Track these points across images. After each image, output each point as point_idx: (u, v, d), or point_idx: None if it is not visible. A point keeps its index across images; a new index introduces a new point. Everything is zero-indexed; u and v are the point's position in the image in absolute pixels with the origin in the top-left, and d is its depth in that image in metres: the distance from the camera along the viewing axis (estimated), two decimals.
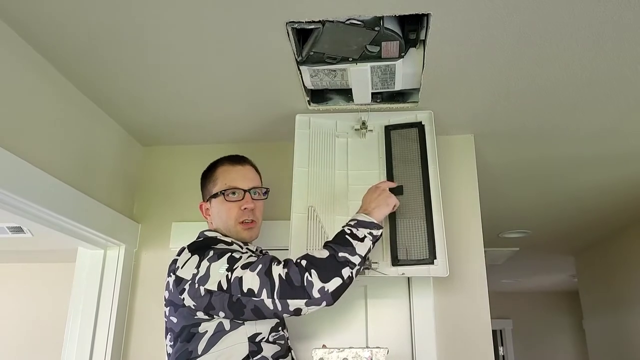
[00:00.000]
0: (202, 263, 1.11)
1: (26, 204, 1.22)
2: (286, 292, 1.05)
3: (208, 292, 1.08)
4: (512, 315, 6.04)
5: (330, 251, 1.12)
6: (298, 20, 1.13)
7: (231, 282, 1.07)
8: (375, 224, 1.20)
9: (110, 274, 1.65)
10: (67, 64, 1.33)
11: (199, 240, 1.23)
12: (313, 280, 1.06)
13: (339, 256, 1.11)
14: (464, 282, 1.61)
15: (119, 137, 1.71)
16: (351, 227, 1.19)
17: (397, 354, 1.55)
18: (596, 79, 1.38)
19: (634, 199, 2.53)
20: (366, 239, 1.17)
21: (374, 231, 1.19)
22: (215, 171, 1.34)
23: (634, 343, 3.20)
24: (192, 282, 1.10)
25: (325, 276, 1.07)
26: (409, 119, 1.54)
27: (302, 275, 1.06)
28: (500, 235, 3.25)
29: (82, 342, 1.57)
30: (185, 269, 1.13)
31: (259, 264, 1.09)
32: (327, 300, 1.07)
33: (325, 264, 1.09)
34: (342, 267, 1.10)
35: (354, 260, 1.12)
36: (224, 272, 1.08)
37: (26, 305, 3.04)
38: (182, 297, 1.11)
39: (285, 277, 1.06)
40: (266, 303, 1.05)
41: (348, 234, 1.16)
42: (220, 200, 1.30)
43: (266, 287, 1.05)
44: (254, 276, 1.06)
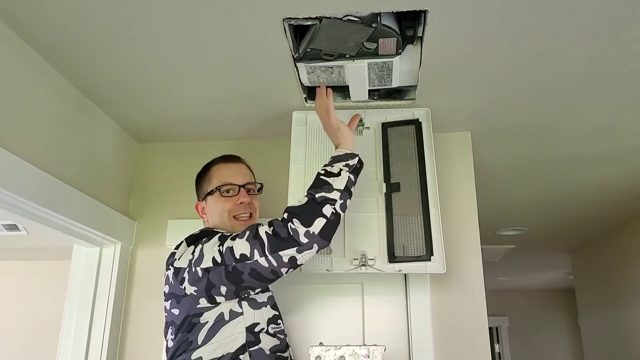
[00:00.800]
0: (196, 249, 1.15)
1: (22, 201, 1.21)
2: (276, 245, 1.07)
3: (205, 271, 1.10)
4: (508, 313, 6.06)
5: (309, 196, 1.14)
6: (295, 17, 1.12)
7: (223, 253, 1.10)
8: (349, 154, 1.23)
9: (106, 272, 1.64)
10: (63, 61, 1.32)
11: (196, 233, 1.25)
12: (296, 227, 1.08)
13: (317, 197, 1.13)
14: (461, 279, 1.61)
15: (114, 134, 1.70)
16: (325, 166, 1.21)
17: (394, 351, 1.55)
18: (593, 76, 1.38)
19: (630, 197, 2.54)
20: (342, 171, 1.19)
21: (349, 162, 1.21)
22: (209, 170, 1.37)
23: (629, 340, 3.21)
24: (189, 269, 1.12)
25: (307, 220, 1.09)
26: (406, 116, 1.54)
27: (286, 226, 1.09)
28: (497, 232, 3.26)
29: (78, 340, 1.57)
30: (182, 259, 1.16)
31: (246, 232, 1.13)
32: (317, 241, 1.09)
33: (305, 209, 1.11)
34: (322, 207, 1.11)
35: (333, 197, 1.14)
36: (215, 249, 1.12)
37: (22, 303, 3.03)
38: (182, 286, 1.13)
39: (272, 233, 1.09)
40: (260, 262, 1.07)
41: (322, 175, 1.19)
42: (216, 197, 1.32)
43: (256, 247, 1.08)
44: (243, 242, 1.10)
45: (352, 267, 1.38)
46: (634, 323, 3.13)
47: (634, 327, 3.12)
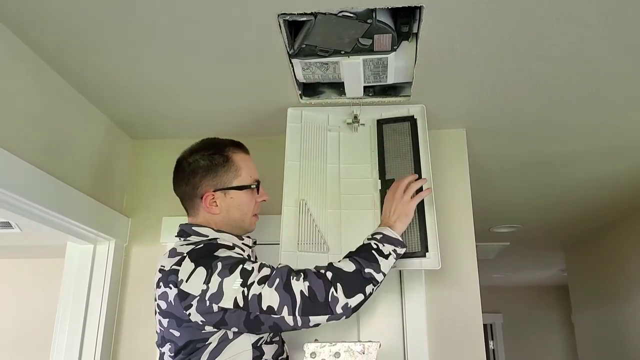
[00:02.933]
0: (213, 278, 1.02)
1: (15, 198, 1.20)
2: (309, 308, 1.01)
3: (222, 310, 1.01)
4: (502, 310, 6.09)
5: (357, 265, 1.07)
6: (290, 12, 1.12)
7: (249, 299, 1.00)
8: (400, 242, 1.18)
9: (100, 269, 1.63)
10: (55, 57, 1.31)
11: (198, 248, 1.09)
12: (338, 296, 1.02)
13: (365, 272, 1.07)
14: (456, 276, 1.61)
15: (108, 130, 1.69)
16: (377, 241, 1.15)
17: (389, 348, 1.55)
18: (588, 73, 1.39)
19: (625, 194, 2.56)
20: (390, 256, 1.13)
21: (398, 249, 1.16)
22: (231, 158, 1.22)
23: (621, 336, 3.24)
24: (201, 299, 1.01)
25: (350, 292, 1.03)
26: (401, 113, 1.54)
27: (326, 289, 1.01)
28: (491, 229, 3.27)
29: (71, 338, 1.56)
30: (191, 283, 1.02)
31: (276, 278, 1.03)
32: (347, 315, 1.04)
33: (352, 278, 1.05)
34: (367, 284, 1.06)
35: (378, 278, 1.09)
36: (238, 288, 1.01)
37: (15, 301, 3.01)
38: (187, 312, 1.02)
39: (307, 292, 1.01)
40: (287, 320, 1.01)
41: (375, 249, 1.12)
42: (247, 192, 1.22)
43: (287, 303, 1.00)
44: (272, 292, 1.01)
45: None
46: (627, 320, 3.15)
47: (627, 324, 3.15)
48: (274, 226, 1.46)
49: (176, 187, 1.24)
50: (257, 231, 1.66)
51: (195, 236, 1.17)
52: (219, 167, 1.20)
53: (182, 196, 1.24)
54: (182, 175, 1.22)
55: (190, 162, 1.21)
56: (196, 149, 1.24)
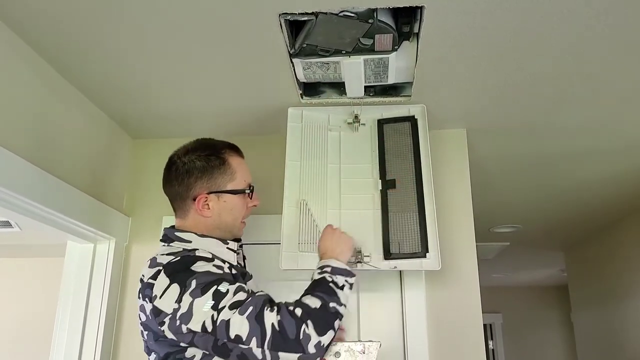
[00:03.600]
0: (184, 297, 0.98)
1: (15, 197, 1.20)
2: (279, 343, 0.94)
3: (191, 332, 0.97)
4: (502, 310, 6.10)
5: (322, 301, 1.02)
6: (291, 12, 1.11)
7: (217, 324, 0.95)
8: (348, 271, 1.12)
9: (100, 268, 1.63)
10: (56, 56, 1.30)
11: (175, 261, 1.04)
12: (310, 333, 0.96)
13: (330, 307, 1.02)
14: (456, 276, 1.61)
15: (108, 129, 1.69)
16: (329, 274, 1.09)
17: (389, 347, 1.55)
18: (588, 73, 1.39)
19: (624, 194, 2.56)
20: (345, 287, 1.09)
21: (348, 279, 1.11)
22: (227, 161, 1.18)
23: (620, 336, 3.24)
24: (173, 317, 0.98)
25: (322, 329, 0.98)
26: (402, 113, 1.54)
27: (298, 326, 0.96)
28: (491, 229, 3.27)
29: (71, 337, 1.56)
30: (164, 300, 1.00)
31: (249, 306, 0.97)
32: (320, 356, 0.97)
33: (320, 314, 1.00)
34: (334, 319, 1.02)
35: (342, 311, 1.04)
36: (208, 311, 0.96)
37: (15, 300, 3.01)
38: (162, 328, 1.00)
39: (278, 327, 0.95)
40: (254, 352, 0.94)
41: (331, 282, 1.07)
42: (240, 197, 1.19)
43: (256, 335, 0.94)
44: (243, 320, 0.95)
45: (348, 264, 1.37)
46: (626, 320, 3.15)
47: (627, 324, 3.15)
48: (275, 226, 1.46)
49: (167, 186, 1.20)
50: (258, 232, 1.67)
51: (178, 242, 1.13)
52: (215, 169, 1.16)
53: (172, 196, 1.20)
54: (176, 174, 1.17)
55: (186, 161, 1.17)
56: (191, 149, 1.19)
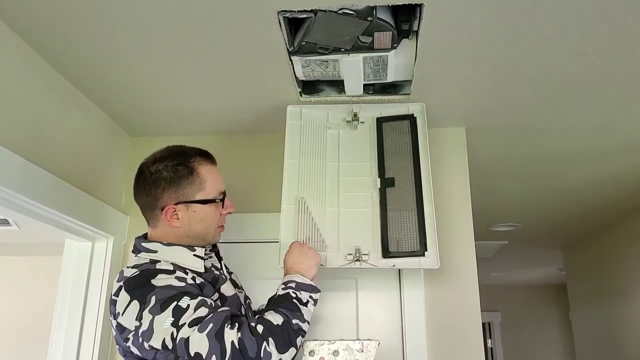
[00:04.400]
0: (144, 314, 0.97)
1: (12, 195, 1.19)
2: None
3: (153, 349, 0.97)
4: (500, 308, 6.10)
5: (284, 317, 1.02)
6: (290, 10, 1.11)
7: (176, 342, 0.94)
8: (313, 287, 1.14)
9: (98, 267, 1.63)
10: (54, 54, 1.30)
11: (134, 276, 1.03)
12: (271, 350, 0.95)
13: (293, 323, 1.02)
14: (455, 275, 1.61)
15: (107, 127, 1.68)
16: (294, 289, 1.10)
17: (387, 346, 1.55)
18: (587, 73, 1.38)
19: (622, 194, 2.56)
20: (309, 303, 1.10)
21: (313, 295, 1.12)
22: (196, 170, 1.15)
23: (618, 334, 3.25)
24: (135, 334, 0.99)
25: (283, 346, 0.97)
26: (401, 111, 1.54)
27: (258, 344, 0.95)
28: (490, 228, 3.27)
29: (69, 335, 1.55)
30: (125, 316, 0.99)
31: (209, 323, 0.95)
32: None
33: (282, 331, 0.99)
34: (296, 336, 1.01)
35: (304, 328, 1.04)
36: (168, 328, 0.95)
37: (13, 298, 3.00)
38: (127, 345, 1.01)
39: (238, 345, 0.94)
40: None
41: (294, 298, 1.08)
42: (211, 206, 1.17)
43: (215, 353, 0.93)
44: (203, 338, 0.94)
45: (346, 262, 1.37)
46: (624, 318, 3.16)
47: (624, 322, 3.15)
48: (273, 224, 1.45)
49: (136, 196, 1.19)
50: (256, 230, 1.67)
51: (144, 252, 1.12)
52: (183, 180, 1.13)
53: (142, 206, 1.18)
54: (144, 184, 1.16)
55: (153, 171, 1.15)
56: (160, 158, 1.17)
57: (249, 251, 1.65)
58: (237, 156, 1.78)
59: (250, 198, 1.69)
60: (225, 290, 1.15)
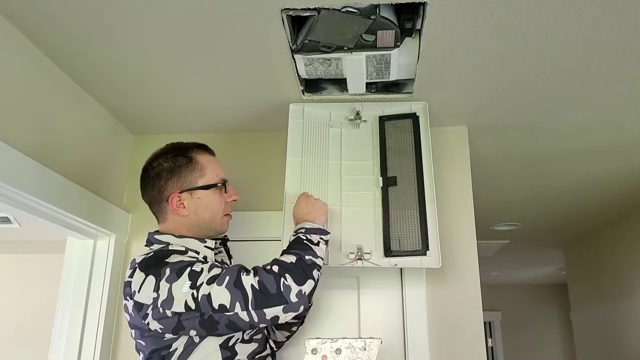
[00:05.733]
0: (161, 284, 1.01)
1: (15, 192, 1.19)
2: (261, 301, 1.00)
3: (176, 314, 1.00)
4: (501, 308, 6.11)
5: (296, 255, 1.09)
6: (293, 7, 1.11)
7: (199, 300, 0.99)
8: (323, 230, 1.21)
9: (100, 265, 1.63)
10: (57, 51, 1.30)
11: (148, 257, 1.08)
12: (290, 284, 1.02)
13: (306, 259, 1.09)
14: (456, 274, 1.61)
15: (109, 125, 1.68)
16: (303, 233, 1.18)
17: (389, 344, 1.55)
18: (589, 71, 1.38)
19: (624, 193, 2.56)
20: (320, 243, 1.17)
21: (323, 236, 1.20)
22: (195, 159, 1.21)
23: (619, 334, 3.24)
24: (154, 306, 1.01)
25: (301, 279, 1.04)
26: (404, 110, 1.53)
27: (277, 281, 1.01)
28: (491, 227, 3.27)
29: (71, 334, 1.56)
30: (142, 293, 1.02)
31: (225, 276, 1.02)
32: (304, 303, 1.04)
33: (296, 267, 1.06)
34: (312, 269, 1.08)
35: (318, 262, 1.12)
36: (188, 291, 1.00)
37: (14, 296, 3.00)
38: (146, 321, 1.03)
39: (258, 286, 1.00)
40: (241, 316, 0.99)
41: (305, 240, 1.15)
42: (215, 193, 1.21)
43: (239, 299, 0.99)
44: (223, 290, 0.99)
45: (348, 260, 1.37)
46: (625, 318, 3.16)
47: (625, 322, 3.15)
48: (276, 222, 1.45)
49: (143, 193, 1.24)
50: (258, 228, 1.67)
51: (157, 244, 1.16)
52: (183, 168, 1.19)
53: (150, 202, 1.23)
54: (148, 180, 1.21)
55: (155, 166, 1.21)
56: (159, 154, 1.24)
57: (252, 249, 1.65)
58: (239, 154, 1.78)
59: (253, 196, 1.69)
60: None
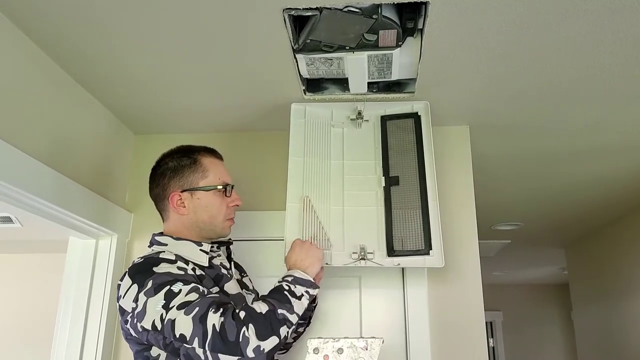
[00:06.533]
0: (140, 296, 1.03)
1: (18, 192, 1.19)
2: (218, 345, 0.96)
3: (144, 330, 1.01)
4: (502, 308, 6.10)
5: (270, 306, 1.04)
6: (295, 7, 1.11)
7: (164, 323, 0.99)
8: (311, 283, 1.16)
9: (102, 264, 1.63)
10: (59, 52, 1.30)
11: (139, 263, 1.10)
12: (249, 336, 0.97)
13: (278, 313, 1.04)
14: (458, 273, 1.61)
15: (111, 125, 1.68)
16: (289, 283, 1.13)
17: (391, 344, 1.55)
18: (592, 71, 1.38)
19: (625, 192, 2.55)
20: (303, 297, 1.12)
21: (310, 290, 1.15)
22: (199, 160, 1.24)
23: (621, 334, 3.24)
24: (132, 315, 1.04)
25: (263, 333, 0.99)
26: (405, 110, 1.53)
27: (238, 329, 0.97)
28: (493, 227, 3.27)
29: (73, 333, 1.56)
30: (125, 299, 1.05)
31: (195, 307, 0.99)
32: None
33: (264, 319, 1.01)
34: (280, 325, 1.03)
35: (292, 319, 1.06)
36: (159, 310, 1.00)
37: (17, 296, 3.01)
38: (127, 326, 1.06)
39: (219, 329, 0.96)
40: (197, 352, 0.97)
41: (287, 290, 1.10)
42: (216, 195, 1.22)
43: (198, 335, 0.96)
44: (188, 320, 0.98)
45: (351, 260, 1.37)
46: (626, 318, 3.15)
47: (627, 322, 3.15)
48: (278, 222, 1.46)
49: (150, 191, 1.28)
50: (261, 228, 1.67)
51: (156, 245, 1.19)
52: (186, 168, 1.23)
53: (154, 199, 1.27)
54: (154, 178, 1.26)
55: (161, 165, 1.26)
56: (167, 154, 1.28)
57: (254, 249, 1.66)
58: (241, 154, 1.78)
59: (255, 196, 1.69)
60: (229, 288, 1.18)
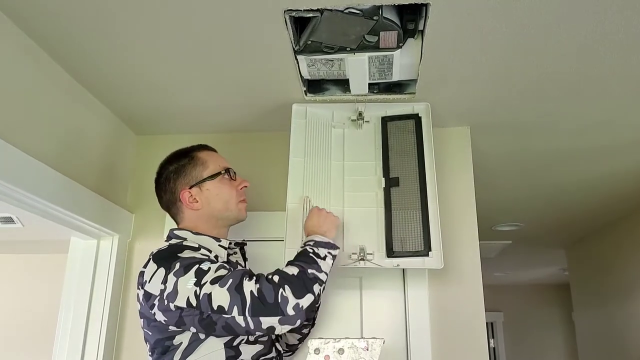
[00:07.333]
0: (169, 277, 1.05)
1: (19, 192, 1.20)
2: (258, 309, 1.01)
3: (178, 309, 1.04)
4: (503, 308, 6.10)
5: (299, 268, 1.10)
6: (296, 8, 1.11)
7: (200, 298, 1.02)
8: (332, 244, 1.21)
9: (104, 265, 1.63)
10: (61, 52, 1.30)
11: (163, 249, 1.14)
12: (287, 296, 1.03)
13: (309, 272, 1.09)
14: (459, 274, 1.61)
15: (112, 125, 1.69)
16: (312, 246, 1.18)
17: (392, 345, 1.55)
18: (593, 71, 1.38)
19: (626, 193, 2.55)
20: (327, 257, 1.17)
21: (332, 251, 1.20)
22: (196, 156, 1.28)
23: (622, 335, 3.24)
24: (160, 298, 1.05)
25: (299, 292, 1.04)
26: (406, 111, 1.54)
27: (275, 291, 1.02)
28: (493, 228, 3.27)
29: (74, 334, 1.56)
30: (152, 283, 1.07)
31: (229, 279, 1.04)
32: (301, 317, 1.05)
33: (298, 280, 1.07)
34: (313, 283, 1.08)
35: (322, 277, 1.12)
36: (192, 287, 1.03)
37: (17, 296, 3.01)
38: (153, 312, 1.07)
39: (257, 294, 1.02)
40: (237, 320, 1.01)
41: (311, 253, 1.16)
42: (222, 181, 1.26)
43: (237, 303, 1.01)
44: (224, 292, 1.02)
45: (351, 261, 1.38)
46: (627, 319, 3.15)
47: (628, 323, 3.15)
48: (278, 222, 1.46)
49: (160, 201, 1.30)
50: (261, 228, 1.67)
51: (175, 239, 1.21)
52: (187, 166, 1.27)
53: (167, 207, 1.29)
54: (160, 187, 1.29)
55: (162, 172, 1.29)
56: (164, 162, 1.31)
57: (255, 249, 1.65)
58: (241, 154, 1.78)
59: (255, 196, 1.69)
60: None
